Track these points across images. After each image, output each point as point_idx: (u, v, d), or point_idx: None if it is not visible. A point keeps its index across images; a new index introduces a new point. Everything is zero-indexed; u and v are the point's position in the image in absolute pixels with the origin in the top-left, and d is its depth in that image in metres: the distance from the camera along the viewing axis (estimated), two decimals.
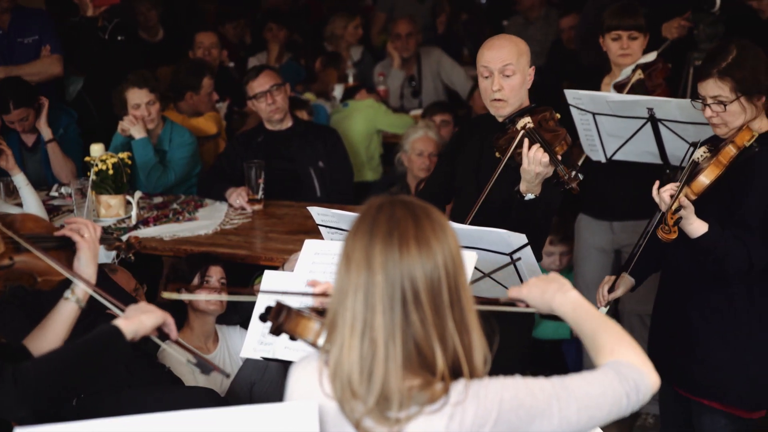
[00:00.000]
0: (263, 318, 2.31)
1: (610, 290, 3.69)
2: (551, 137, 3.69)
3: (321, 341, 2.17)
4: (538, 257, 3.75)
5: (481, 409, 1.96)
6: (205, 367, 2.57)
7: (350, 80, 7.63)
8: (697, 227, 3.32)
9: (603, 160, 4.49)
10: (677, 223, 3.28)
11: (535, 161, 3.55)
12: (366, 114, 6.69)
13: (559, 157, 3.62)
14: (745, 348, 3.50)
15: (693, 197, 3.36)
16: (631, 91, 4.54)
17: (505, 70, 3.80)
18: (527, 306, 2.29)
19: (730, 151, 3.39)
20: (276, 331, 2.27)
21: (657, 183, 3.40)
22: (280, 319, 2.25)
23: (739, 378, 3.51)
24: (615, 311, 5.16)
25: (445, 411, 1.95)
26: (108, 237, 3.08)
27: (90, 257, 2.75)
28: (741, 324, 3.49)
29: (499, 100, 3.82)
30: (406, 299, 1.95)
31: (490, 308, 2.70)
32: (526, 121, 3.72)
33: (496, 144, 3.80)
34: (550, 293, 2.23)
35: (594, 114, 4.28)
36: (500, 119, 3.88)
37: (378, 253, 1.96)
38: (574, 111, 4.36)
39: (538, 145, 3.57)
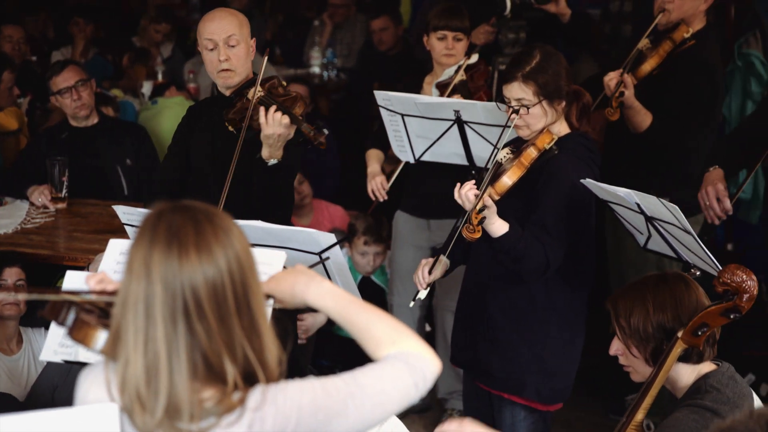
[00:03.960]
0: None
1: (429, 273, 3.69)
2: (286, 100, 3.79)
3: (107, 349, 2.05)
4: (288, 224, 3.85)
5: (280, 415, 1.93)
6: None
7: (159, 77, 7.49)
8: (498, 227, 3.41)
9: (412, 161, 4.57)
10: (481, 223, 3.36)
11: (275, 123, 3.65)
12: (176, 112, 6.54)
13: (301, 117, 3.71)
14: (543, 343, 3.62)
15: (496, 197, 3.44)
16: (454, 92, 4.62)
17: (229, 41, 3.90)
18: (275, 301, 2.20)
19: (531, 153, 3.49)
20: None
21: (458, 184, 3.47)
22: (63, 320, 2.16)
23: (536, 372, 3.62)
24: (429, 307, 5.25)
25: (243, 420, 1.92)
26: None
27: None
28: (539, 320, 3.61)
29: (227, 70, 3.91)
30: (189, 310, 1.89)
31: None
32: (257, 90, 3.80)
33: (227, 118, 3.87)
34: (300, 286, 2.15)
35: (403, 115, 4.34)
36: (228, 92, 3.96)
37: (157, 263, 1.89)
38: (383, 112, 4.42)
39: (275, 107, 3.66)
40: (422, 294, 3.62)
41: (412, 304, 3.60)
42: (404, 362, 2.03)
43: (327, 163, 6.89)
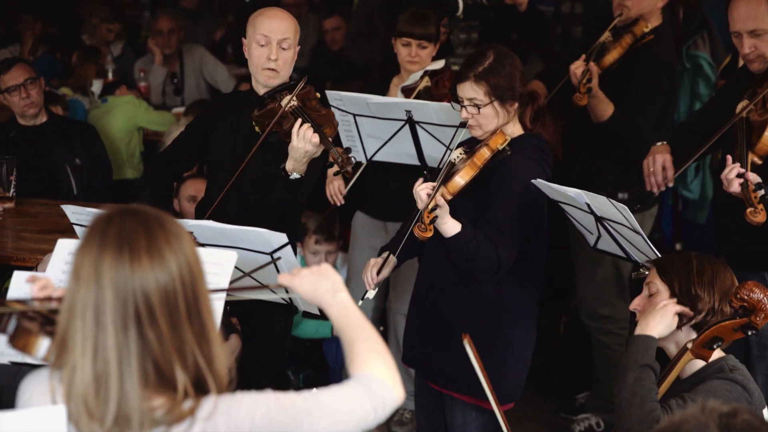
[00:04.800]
0: None
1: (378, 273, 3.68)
2: (320, 117, 3.77)
3: (50, 357, 2.03)
4: (295, 237, 3.93)
5: (233, 425, 1.92)
6: None
7: (110, 75, 7.43)
8: (451, 227, 3.42)
9: (364, 161, 4.57)
10: (433, 222, 3.37)
11: (305, 139, 3.63)
12: (126, 111, 6.54)
13: (330, 140, 3.69)
14: (494, 342, 3.63)
15: (449, 197, 3.46)
16: (417, 98, 4.63)
17: (283, 43, 3.90)
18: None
19: (484, 153, 3.51)
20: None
21: (420, 180, 3.49)
22: (3, 328, 2.12)
23: (488, 372, 3.64)
24: (383, 309, 5.26)
25: (194, 430, 1.90)
26: None
27: None
28: (490, 319, 3.62)
29: (272, 69, 3.90)
30: (140, 316, 1.87)
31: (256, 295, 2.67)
32: (291, 98, 3.78)
33: (256, 119, 3.86)
34: (321, 290, 2.19)
35: (354, 115, 4.34)
36: (263, 91, 3.95)
37: (107, 269, 1.86)
38: (335, 112, 4.41)
39: (308, 124, 3.64)
40: (370, 294, 3.62)
41: (360, 303, 3.60)
42: (366, 386, 2.03)
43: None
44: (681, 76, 5.77)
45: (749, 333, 2.83)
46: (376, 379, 2.05)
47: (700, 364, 2.93)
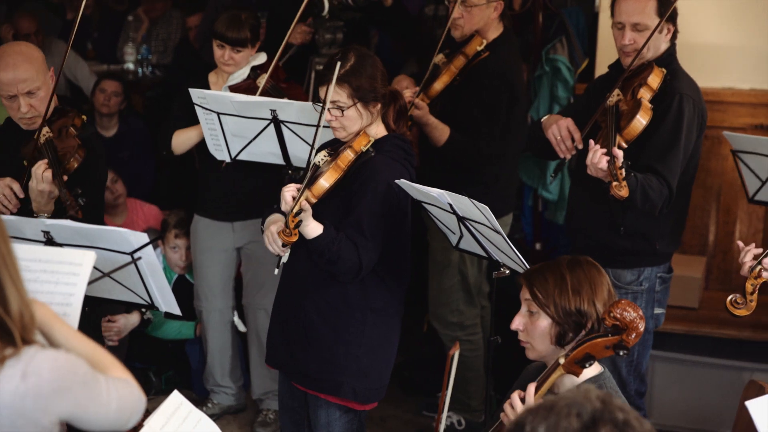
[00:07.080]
0: None
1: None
2: (64, 151, 3.74)
3: None
4: None
5: (56, 372, 2.07)
6: None
7: None
8: (313, 228, 3.42)
9: (228, 160, 4.53)
10: (298, 226, 3.37)
11: (40, 179, 3.61)
12: None
13: (66, 178, 3.67)
14: (359, 343, 3.64)
15: (314, 200, 3.46)
16: (265, 95, 4.57)
17: (29, 90, 3.81)
18: None
19: (348, 155, 3.52)
20: None
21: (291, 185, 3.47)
22: None
23: (352, 372, 3.65)
24: (239, 306, 5.21)
25: (15, 372, 2.04)
26: None
27: None
28: (355, 319, 3.63)
29: (29, 118, 3.87)
30: None
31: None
32: (46, 131, 3.76)
33: (22, 152, 3.82)
34: None
35: (219, 114, 4.30)
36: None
37: None
38: (198, 110, 4.36)
39: (43, 161, 3.62)
40: (285, 258, 3.53)
41: (276, 271, 3.55)
42: (136, 388, 2.27)
43: (141, 161, 6.76)
44: (540, 80, 5.90)
45: (620, 353, 2.77)
46: (136, 386, 2.29)
47: (576, 380, 2.87)
